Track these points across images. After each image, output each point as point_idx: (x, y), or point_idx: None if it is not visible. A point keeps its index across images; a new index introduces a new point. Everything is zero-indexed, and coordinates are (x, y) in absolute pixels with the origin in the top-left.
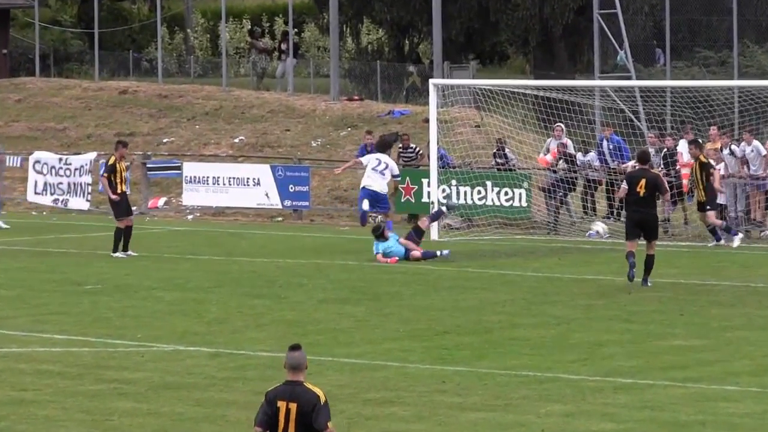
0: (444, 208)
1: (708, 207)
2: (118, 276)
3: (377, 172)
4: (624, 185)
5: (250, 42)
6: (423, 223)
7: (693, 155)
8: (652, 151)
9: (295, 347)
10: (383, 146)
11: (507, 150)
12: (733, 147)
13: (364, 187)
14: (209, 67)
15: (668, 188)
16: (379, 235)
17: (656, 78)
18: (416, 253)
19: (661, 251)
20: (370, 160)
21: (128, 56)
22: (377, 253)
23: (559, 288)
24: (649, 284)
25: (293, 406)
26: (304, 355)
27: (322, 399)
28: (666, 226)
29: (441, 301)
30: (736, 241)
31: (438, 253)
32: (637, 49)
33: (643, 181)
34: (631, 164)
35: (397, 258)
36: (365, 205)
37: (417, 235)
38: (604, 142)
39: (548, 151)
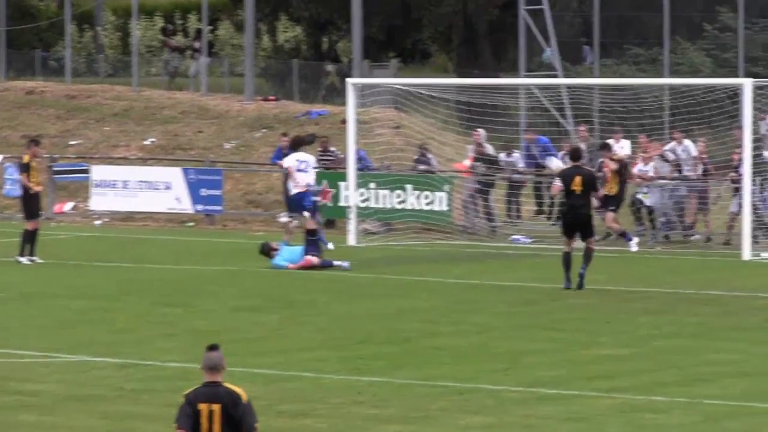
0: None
1: (611, 207)
2: (22, 283)
3: (303, 172)
4: (558, 182)
5: (162, 40)
6: (309, 224)
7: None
8: (582, 146)
9: (212, 347)
10: (296, 145)
11: (430, 156)
12: (667, 152)
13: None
14: (119, 67)
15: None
16: (267, 253)
17: (584, 76)
18: (314, 259)
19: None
20: (291, 162)
21: (35, 55)
22: (286, 266)
23: (481, 295)
24: (584, 271)
25: (216, 408)
26: (222, 356)
27: (244, 398)
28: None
29: (358, 309)
30: (633, 246)
31: (336, 263)
32: (565, 47)
33: (578, 179)
34: (555, 164)
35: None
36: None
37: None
38: (532, 146)
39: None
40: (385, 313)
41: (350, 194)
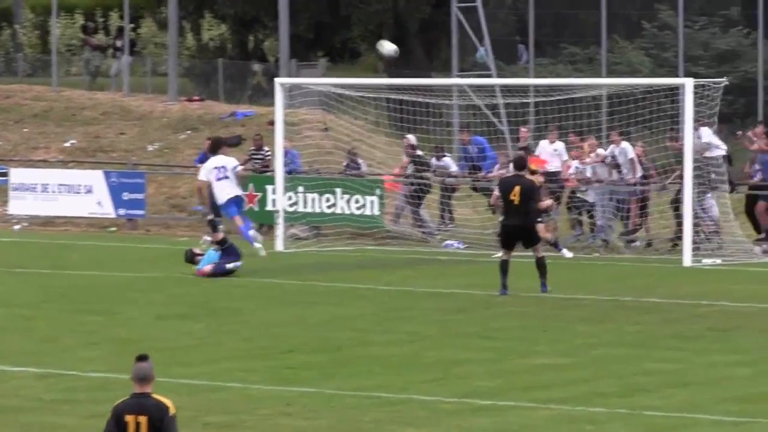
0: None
1: (538, 219)
2: None
3: (224, 179)
4: (496, 192)
5: (82, 38)
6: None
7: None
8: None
9: (142, 357)
10: (216, 147)
11: (360, 161)
12: (608, 157)
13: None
14: (39, 66)
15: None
16: (191, 260)
17: (519, 76)
18: (207, 268)
19: (525, 263)
20: (207, 175)
21: None
22: (206, 267)
23: (414, 302)
24: (548, 289)
25: (143, 420)
26: (152, 366)
27: (171, 410)
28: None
29: (286, 316)
30: (567, 253)
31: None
32: (499, 46)
33: (517, 188)
34: (496, 171)
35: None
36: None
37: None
38: (469, 147)
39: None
40: (314, 321)
41: (278, 198)
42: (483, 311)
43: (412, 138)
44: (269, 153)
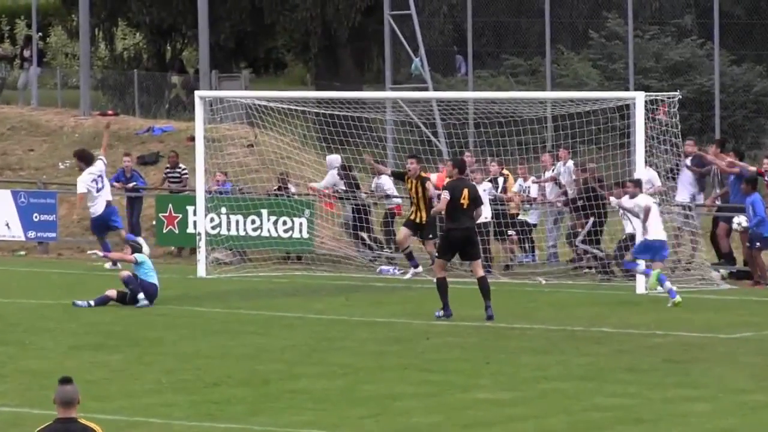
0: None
1: (430, 236)
2: None
3: (103, 190)
4: (446, 195)
5: None
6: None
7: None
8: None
9: (65, 380)
10: (87, 159)
11: (290, 185)
12: (559, 176)
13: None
14: None
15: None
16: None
17: (457, 89)
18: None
19: (465, 289)
20: (85, 187)
21: None
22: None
23: (346, 332)
24: (492, 313)
25: None
26: (77, 389)
27: None
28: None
29: (209, 347)
30: (411, 273)
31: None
32: (435, 56)
33: (465, 191)
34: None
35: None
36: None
37: None
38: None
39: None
40: (240, 353)
41: (199, 220)
42: (421, 342)
43: (333, 158)
44: (186, 171)
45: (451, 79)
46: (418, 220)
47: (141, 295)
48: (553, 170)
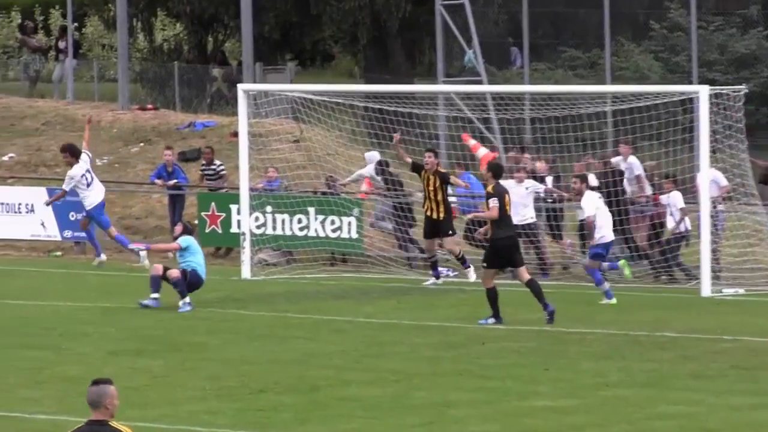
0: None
1: (450, 232)
2: None
3: (94, 182)
4: (495, 203)
5: (20, 39)
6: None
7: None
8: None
9: (94, 381)
10: (77, 155)
11: (338, 183)
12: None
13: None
14: None
15: None
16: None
17: (512, 82)
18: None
19: (520, 292)
20: (74, 181)
21: None
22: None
23: (398, 337)
24: (552, 308)
25: None
26: (106, 391)
27: None
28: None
29: (255, 353)
30: (472, 275)
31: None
32: (489, 48)
33: (507, 197)
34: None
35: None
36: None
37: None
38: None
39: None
40: (286, 358)
41: (243, 219)
42: (476, 347)
43: (371, 154)
44: (222, 167)
45: (506, 73)
46: (435, 216)
47: (184, 301)
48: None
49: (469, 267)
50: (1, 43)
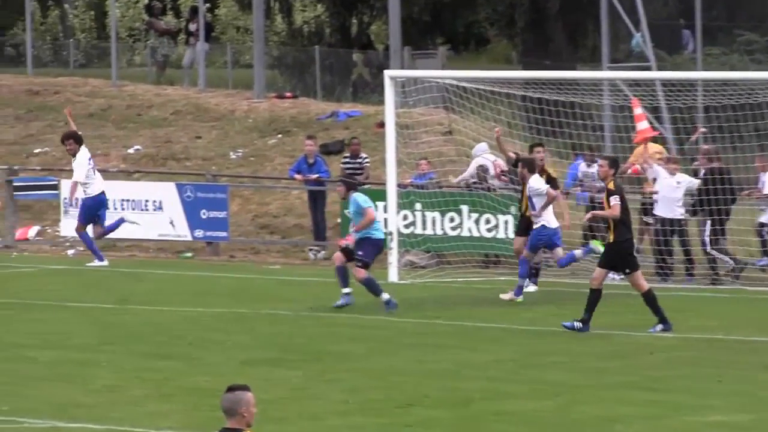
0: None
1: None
2: None
3: (98, 172)
4: (617, 201)
5: (147, 22)
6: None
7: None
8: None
9: (232, 387)
10: (81, 141)
11: (491, 173)
12: None
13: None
14: (94, 55)
15: None
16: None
17: (684, 68)
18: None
19: (686, 297)
20: (82, 174)
21: None
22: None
23: (559, 346)
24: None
25: None
26: (242, 397)
27: None
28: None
29: (402, 362)
30: (532, 286)
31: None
32: (659, 31)
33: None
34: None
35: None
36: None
37: None
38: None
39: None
40: (437, 369)
41: (390, 218)
42: (644, 357)
43: (482, 146)
44: (367, 160)
45: (677, 58)
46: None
47: (382, 299)
48: None
49: (535, 283)
50: (127, 25)
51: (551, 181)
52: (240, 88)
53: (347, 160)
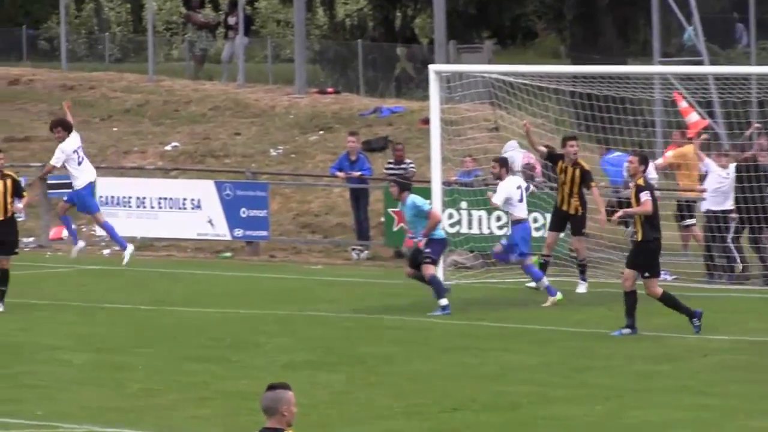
0: None
1: (583, 230)
2: (7, 332)
3: (86, 161)
4: (647, 196)
5: (185, 14)
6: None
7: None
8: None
9: (273, 386)
10: (69, 125)
11: (537, 170)
12: None
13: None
14: (130, 49)
15: None
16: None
17: (737, 63)
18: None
19: (735, 298)
20: (63, 157)
21: (21, 34)
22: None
23: (609, 348)
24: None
25: None
26: (283, 396)
27: None
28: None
29: (447, 366)
30: (583, 288)
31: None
32: (712, 25)
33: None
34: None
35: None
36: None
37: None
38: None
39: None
40: (484, 372)
41: None
42: (697, 360)
43: (512, 144)
44: (413, 165)
45: (730, 52)
46: (572, 211)
47: (440, 304)
48: None
49: (585, 281)
50: (164, 18)
51: (585, 174)
52: (280, 83)
53: (391, 165)
